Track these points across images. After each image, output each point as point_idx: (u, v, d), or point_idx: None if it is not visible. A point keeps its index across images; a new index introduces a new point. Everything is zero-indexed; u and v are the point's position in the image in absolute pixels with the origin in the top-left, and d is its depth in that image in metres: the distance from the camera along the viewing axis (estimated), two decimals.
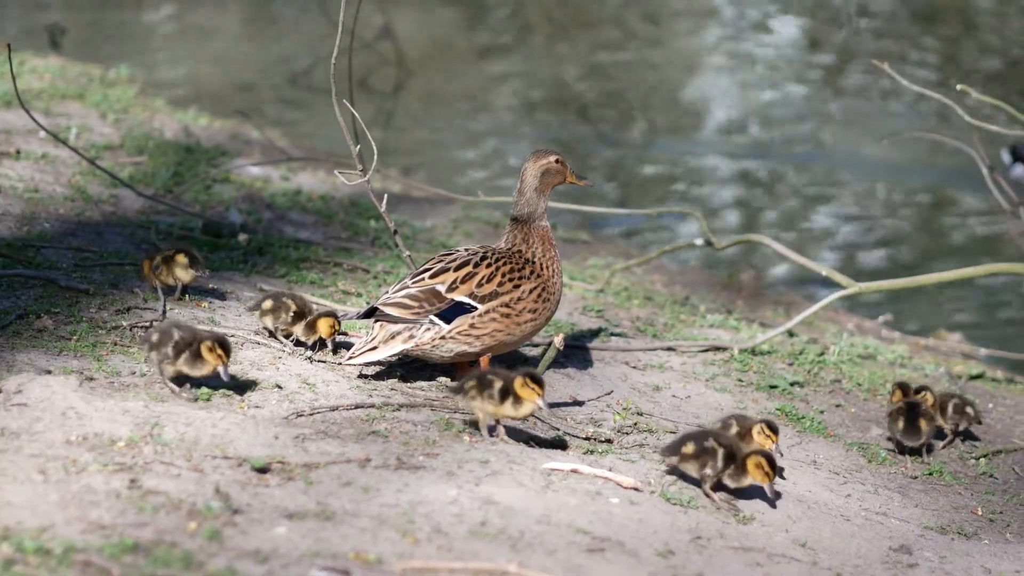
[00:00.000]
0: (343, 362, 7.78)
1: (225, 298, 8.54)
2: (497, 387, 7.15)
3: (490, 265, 7.90)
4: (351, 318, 7.95)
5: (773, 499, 7.15)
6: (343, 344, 8.02)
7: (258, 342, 7.96)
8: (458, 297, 7.83)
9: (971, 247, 14.21)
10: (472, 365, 8.02)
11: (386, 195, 8.61)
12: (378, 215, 10.72)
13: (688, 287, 11.67)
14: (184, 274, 8.27)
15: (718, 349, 9.27)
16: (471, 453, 6.98)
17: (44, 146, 11.13)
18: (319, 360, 7.90)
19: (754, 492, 7.20)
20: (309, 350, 7.98)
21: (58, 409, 6.74)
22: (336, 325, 7.91)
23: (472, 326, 7.82)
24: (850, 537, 7.14)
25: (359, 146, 8.63)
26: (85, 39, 18.82)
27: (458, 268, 7.88)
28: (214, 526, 6.06)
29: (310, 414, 7.27)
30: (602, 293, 10.40)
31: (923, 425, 8.21)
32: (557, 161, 8.06)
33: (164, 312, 8.09)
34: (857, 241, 14.38)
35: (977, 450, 8.61)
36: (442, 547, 6.17)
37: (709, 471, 7.04)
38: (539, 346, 8.67)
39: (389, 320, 7.77)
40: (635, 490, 6.94)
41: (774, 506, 7.18)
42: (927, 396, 8.44)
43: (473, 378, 7.20)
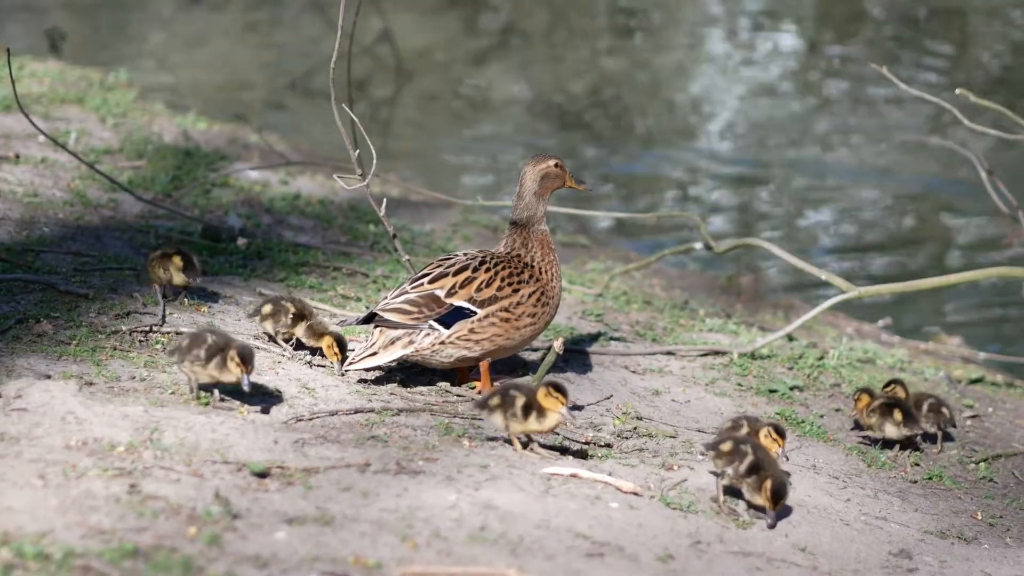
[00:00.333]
0: (344, 368, 7.78)
1: (224, 302, 8.54)
2: (520, 404, 7.08)
3: (489, 270, 7.89)
4: (351, 323, 7.94)
5: (772, 525, 7.07)
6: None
7: (258, 346, 7.96)
8: (457, 302, 7.82)
9: (970, 251, 14.21)
10: (472, 370, 8.02)
11: (385, 199, 8.60)
12: (377, 219, 10.72)
13: (687, 291, 11.66)
14: (177, 276, 8.25)
15: (718, 353, 9.26)
16: (470, 458, 6.98)
17: (43, 150, 11.12)
18: (319, 364, 7.90)
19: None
20: (310, 353, 7.97)
21: (58, 414, 6.74)
22: (335, 349, 7.84)
23: (471, 331, 7.81)
24: (850, 542, 7.13)
25: (358, 150, 8.62)
26: (84, 43, 18.82)
27: (457, 273, 7.87)
28: (214, 531, 6.06)
29: (310, 419, 7.26)
30: (601, 297, 10.40)
31: (914, 413, 8.21)
32: (556, 165, 8.05)
33: (163, 317, 8.08)
34: (856, 245, 14.37)
35: (977, 454, 8.61)
36: (441, 552, 6.17)
37: (731, 471, 7.01)
38: (538, 350, 8.67)
39: (389, 325, 7.76)
40: (634, 494, 6.94)
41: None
42: (896, 389, 8.42)
43: (497, 395, 7.13)
